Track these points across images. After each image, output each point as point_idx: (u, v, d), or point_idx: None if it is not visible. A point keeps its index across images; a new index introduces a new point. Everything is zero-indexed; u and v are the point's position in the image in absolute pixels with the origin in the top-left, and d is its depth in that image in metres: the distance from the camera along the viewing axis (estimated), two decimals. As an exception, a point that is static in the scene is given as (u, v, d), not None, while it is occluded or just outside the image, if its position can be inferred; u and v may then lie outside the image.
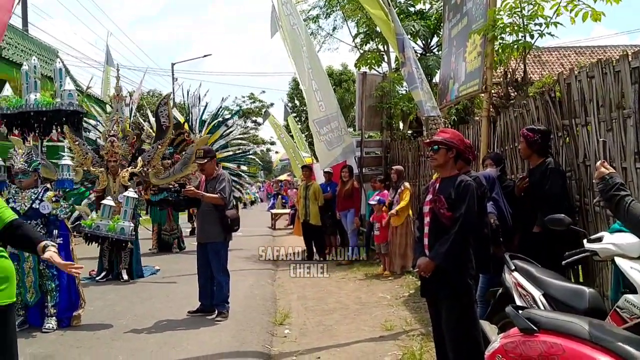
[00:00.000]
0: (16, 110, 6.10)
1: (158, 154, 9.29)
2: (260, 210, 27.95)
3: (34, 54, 15.37)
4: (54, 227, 5.92)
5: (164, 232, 12.48)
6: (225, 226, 6.37)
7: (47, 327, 5.83)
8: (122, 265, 8.89)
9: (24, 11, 19.50)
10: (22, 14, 19.20)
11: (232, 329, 5.84)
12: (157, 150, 9.28)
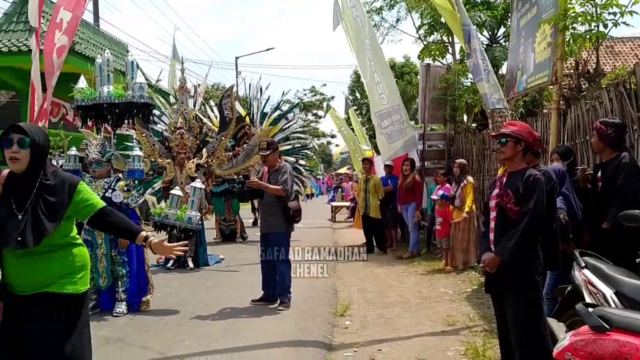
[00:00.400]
0: (90, 102, 6.38)
1: (222, 145, 9.49)
2: (320, 203, 28.13)
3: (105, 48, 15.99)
4: (125, 215, 6.14)
5: (222, 223, 12.78)
6: (288, 217, 6.46)
7: (118, 312, 6.09)
8: (189, 253, 9.15)
9: (95, 7, 20.27)
10: (94, 9, 19.97)
11: (294, 319, 5.93)
12: (220, 142, 9.49)
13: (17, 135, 2.82)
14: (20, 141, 2.81)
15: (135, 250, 6.39)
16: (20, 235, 2.75)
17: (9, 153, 2.82)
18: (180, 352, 4.84)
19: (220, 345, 5.02)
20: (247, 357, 4.70)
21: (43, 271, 2.85)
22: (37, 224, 2.78)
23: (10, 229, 2.74)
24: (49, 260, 2.87)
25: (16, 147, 2.80)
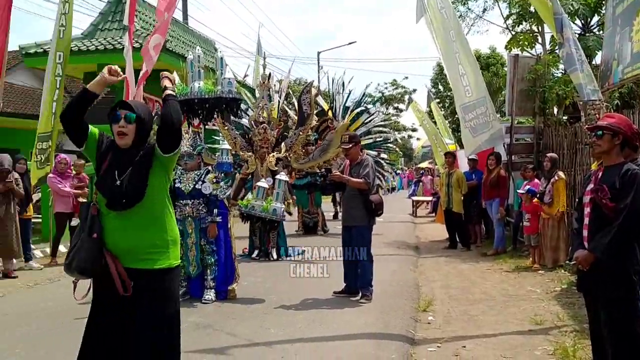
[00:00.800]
0: (182, 97, 6.64)
1: (299, 140, 9.63)
2: (401, 198, 27.90)
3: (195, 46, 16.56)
4: (214, 206, 6.37)
5: (306, 215, 12.96)
6: (370, 210, 6.47)
7: (207, 299, 6.33)
8: (272, 244, 9.39)
9: (184, 5, 21.04)
10: (183, 7, 20.73)
11: (375, 312, 5.94)
12: (298, 137, 9.63)
13: (124, 111, 3.02)
14: (127, 117, 3.01)
15: (223, 240, 6.61)
16: (118, 196, 2.93)
17: (116, 128, 3.02)
18: (266, 339, 4.97)
19: (304, 335, 5.12)
20: (330, 348, 4.76)
21: (139, 239, 3.00)
22: (134, 188, 2.96)
23: (111, 190, 2.94)
24: (144, 229, 3.01)
25: (123, 122, 3.00)
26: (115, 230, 2.98)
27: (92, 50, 13.97)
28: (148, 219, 3.04)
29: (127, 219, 2.98)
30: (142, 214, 3.01)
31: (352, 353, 4.63)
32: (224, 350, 4.64)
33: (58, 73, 9.34)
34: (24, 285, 7.58)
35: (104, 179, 2.99)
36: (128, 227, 2.99)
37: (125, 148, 3.04)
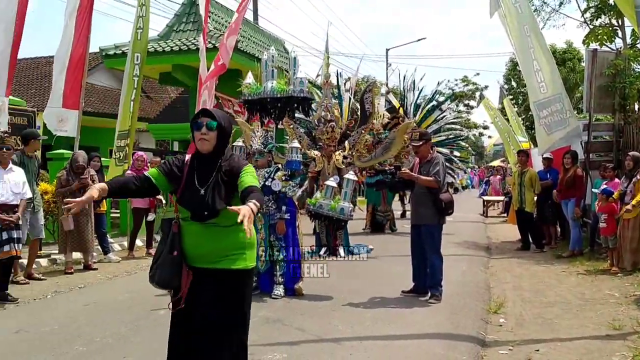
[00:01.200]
0: (256, 96, 6.79)
1: (362, 138, 9.62)
2: (472, 197, 27.34)
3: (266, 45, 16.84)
4: (283, 204, 6.47)
5: (379, 213, 12.91)
6: (440, 209, 6.38)
7: (276, 294, 6.44)
8: (339, 242, 9.42)
9: (255, 5, 21.43)
10: (253, 7, 21.13)
11: (445, 312, 5.87)
12: (360, 135, 9.62)
13: (206, 119, 3.13)
14: (209, 124, 3.12)
15: (291, 237, 6.70)
16: (201, 209, 3.07)
17: (198, 135, 3.13)
18: (334, 336, 5.01)
19: (372, 333, 5.11)
20: (399, 347, 4.74)
21: (220, 243, 3.13)
22: (214, 200, 3.08)
23: (194, 202, 3.08)
24: (225, 234, 3.14)
25: (205, 130, 3.11)
26: (197, 235, 3.13)
27: (167, 51, 14.47)
28: (228, 225, 3.14)
29: (209, 226, 3.12)
30: (223, 221, 3.13)
31: (421, 353, 4.59)
32: (293, 345, 4.71)
33: (136, 74, 9.72)
34: (104, 277, 7.95)
35: (186, 194, 3.13)
36: (210, 233, 3.13)
37: (206, 154, 3.17)
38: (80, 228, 8.11)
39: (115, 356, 4.46)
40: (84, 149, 9.29)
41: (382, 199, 12.68)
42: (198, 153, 3.21)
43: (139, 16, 9.81)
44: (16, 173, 6.42)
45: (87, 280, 7.65)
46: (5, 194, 6.18)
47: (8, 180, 6.24)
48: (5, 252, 6.10)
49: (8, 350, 4.60)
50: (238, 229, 3.15)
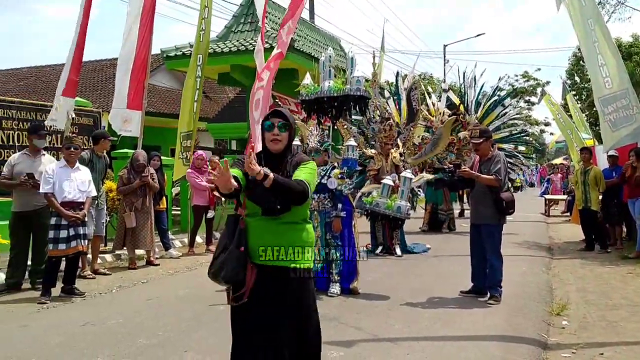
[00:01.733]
0: (313, 96, 6.82)
1: (411, 135, 9.53)
2: (533, 196, 26.62)
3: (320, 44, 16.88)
4: (339, 201, 6.48)
5: (440, 212, 12.75)
6: (500, 208, 6.24)
7: (332, 292, 6.46)
8: (395, 240, 9.37)
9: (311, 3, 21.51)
10: (310, 6, 21.21)
11: (505, 314, 5.74)
12: (409, 132, 9.53)
13: (277, 120, 3.22)
14: (280, 125, 3.22)
15: (347, 235, 6.71)
16: (274, 204, 3.12)
17: (270, 135, 3.23)
18: (391, 335, 4.98)
19: (429, 333, 5.06)
20: (457, 347, 4.67)
21: (284, 240, 3.17)
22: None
23: (266, 198, 3.12)
24: (291, 231, 3.20)
25: (277, 131, 3.21)
26: (263, 232, 3.17)
27: (225, 52, 14.70)
28: (296, 222, 3.23)
29: (276, 223, 3.18)
30: (291, 218, 3.20)
31: (479, 355, 4.51)
32: (350, 344, 4.71)
33: (198, 75, 9.94)
34: (165, 272, 8.17)
35: (257, 190, 3.15)
36: (276, 230, 3.18)
37: (277, 153, 3.26)
38: (141, 224, 8.36)
39: (177, 350, 4.58)
40: (146, 148, 9.58)
41: (444, 197, 12.52)
42: (266, 151, 3.29)
43: (202, 18, 10.01)
44: (82, 172, 6.67)
45: (149, 275, 7.89)
46: (73, 192, 6.43)
47: (75, 179, 6.49)
48: (72, 247, 6.36)
49: (75, 343, 4.79)
50: (303, 227, 3.26)
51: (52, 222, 6.33)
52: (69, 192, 6.39)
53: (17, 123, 9.32)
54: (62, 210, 6.27)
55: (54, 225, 6.30)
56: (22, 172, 6.74)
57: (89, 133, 10.03)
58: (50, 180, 6.32)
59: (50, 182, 6.32)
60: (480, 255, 6.40)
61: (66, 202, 6.34)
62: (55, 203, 6.28)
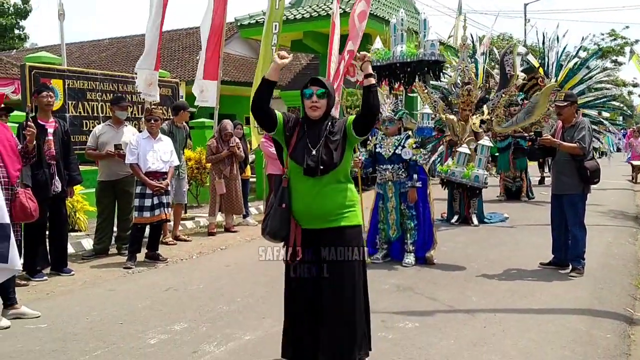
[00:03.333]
0: (384, 62, 6.69)
1: (501, 102, 9.11)
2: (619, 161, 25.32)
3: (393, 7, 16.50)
4: (414, 171, 6.38)
5: (507, 180, 12.35)
6: (584, 178, 5.96)
7: (407, 262, 6.43)
8: (472, 210, 9.18)
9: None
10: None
11: (588, 287, 5.53)
12: (500, 99, 9.11)
13: (315, 87, 3.37)
14: (318, 93, 3.36)
15: (422, 205, 6.63)
16: (316, 165, 3.28)
17: (309, 102, 3.38)
18: (467, 306, 4.92)
19: (507, 306, 4.96)
20: (536, 321, 4.56)
21: (330, 201, 3.34)
22: (329, 156, 3.31)
23: (309, 161, 3.30)
24: (335, 192, 3.36)
25: (315, 98, 3.36)
26: (309, 195, 3.33)
27: (298, 19, 14.65)
28: (338, 184, 3.38)
29: (320, 185, 3.32)
30: (334, 180, 3.35)
31: (560, 328, 4.39)
32: (425, 314, 4.70)
33: (274, 42, 9.96)
34: (243, 239, 8.39)
35: (299, 150, 3.35)
36: (321, 192, 3.32)
37: (315, 120, 3.40)
38: (230, 191, 8.62)
39: (256, 316, 4.72)
40: (222, 116, 9.77)
41: (509, 163, 12.01)
42: (307, 118, 3.44)
43: (278, -16, 9.99)
44: (164, 142, 6.89)
45: (227, 242, 8.12)
46: (156, 162, 6.66)
47: (158, 150, 6.72)
48: (157, 215, 6.62)
49: (160, 307, 5.02)
50: (347, 187, 3.41)
51: (137, 190, 6.60)
52: (152, 162, 6.61)
53: (100, 94, 9.69)
54: (146, 180, 6.52)
55: (139, 194, 6.57)
56: (106, 142, 7.03)
57: (169, 103, 10.32)
58: (135, 151, 6.57)
59: (135, 153, 6.56)
60: (561, 226, 6.16)
61: (150, 172, 6.58)
62: (140, 173, 6.54)
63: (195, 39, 23.15)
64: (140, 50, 9.86)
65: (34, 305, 4.92)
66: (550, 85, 9.50)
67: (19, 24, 32.75)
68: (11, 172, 4.58)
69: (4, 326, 4.42)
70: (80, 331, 4.39)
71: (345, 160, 3.39)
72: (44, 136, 5.83)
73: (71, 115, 9.11)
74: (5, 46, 29.64)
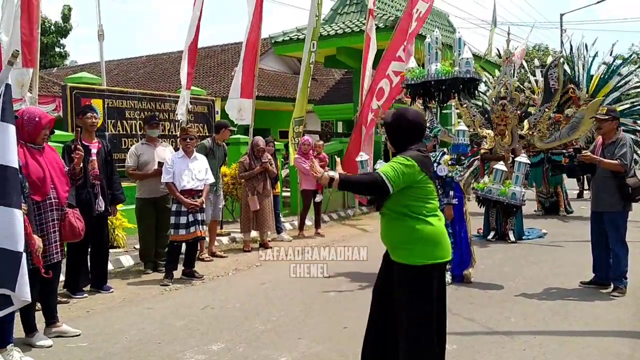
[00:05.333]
0: (419, 80, 6.67)
1: (544, 117, 8.95)
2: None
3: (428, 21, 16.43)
4: (450, 188, 6.32)
5: (540, 195, 12.16)
6: (625, 195, 5.82)
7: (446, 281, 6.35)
8: (509, 226, 9.05)
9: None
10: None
11: (631, 307, 5.40)
12: (543, 114, 8.96)
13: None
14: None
15: (458, 222, 6.56)
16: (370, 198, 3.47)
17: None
18: (506, 328, 4.84)
19: (547, 327, 4.87)
20: (578, 343, 4.46)
21: (388, 236, 3.39)
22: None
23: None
24: (394, 225, 3.35)
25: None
26: (381, 225, 3.46)
27: (332, 35, 14.74)
28: (395, 215, 3.34)
29: (384, 216, 3.42)
30: (390, 209, 3.36)
31: (603, 351, 4.28)
32: (463, 336, 4.63)
33: (312, 61, 10.07)
34: (277, 255, 8.40)
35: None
36: (386, 223, 3.42)
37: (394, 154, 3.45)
38: (262, 207, 8.68)
39: (291, 336, 4.72)
40: (256, 132, 9.87)
41: (542, 178, 11.78)
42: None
43: (317, 3, 10.10)
44: (200, 161, 6.98)
45: (262, 258, 8.14)
46: (192, 181, 6.76)
47: (193, 169, 6.81)
48: (192, 233, 6.70)
49: (197, 326, 5.07)
50: (404, 222, 3.29)
51: (173, 208, 6.70)
52: (187, 181, 6.71)
53: (138, 113, 9.91)
54: (182, 198, 6.62)
55: (175, 212, 6.67)
56: (148, 161, 7.15)
57: (205, 121, 10.49)
58: (170, 170, 6.68)
59: (171, 172, 6.67)
60: (602, 244, 6.03)
61: (185, 190, 6.67)
62: (176, 192, 6.63)
63: (230, 55, 23.53)
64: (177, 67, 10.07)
65: (74, 323, 5.03)
66: (595, 101, 9.28)
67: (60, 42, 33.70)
68: (61, 193, 4.70)
69: (47, 345, 4.52)
70: (119, 351, 4.46)
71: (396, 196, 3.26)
72: (88, 157, 5.98)
73: (110, 133, 9.33)
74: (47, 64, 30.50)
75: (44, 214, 4.55)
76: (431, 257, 3.25)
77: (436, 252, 3.27)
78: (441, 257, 3.29)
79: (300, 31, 15.28)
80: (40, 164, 4.55)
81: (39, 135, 4.61)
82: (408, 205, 3.28)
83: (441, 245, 3.30)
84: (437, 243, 3.29)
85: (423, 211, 3.29)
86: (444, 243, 3.32)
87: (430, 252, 3.25)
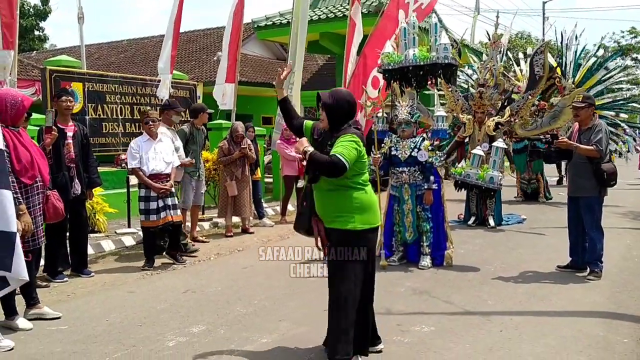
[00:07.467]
0: (396, 65, 6.69)
1: (527, 104, 9.02)
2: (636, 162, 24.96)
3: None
4: (430, 173, 6.39)
5: (522, 181, 12.31)
6: (601, 180, 5.93)
7: (423, 265, 6.44)
8: (489, 211, 9.15)
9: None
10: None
11: (606, 290, 5.51)
12: (526, 101, 9.02)
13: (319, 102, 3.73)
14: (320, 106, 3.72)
15: (437, 207, 6.63)
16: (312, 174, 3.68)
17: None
18: (483, 310, 4.92)
19: (524, 309, 4.96)
20: (553, 325, 4.55)
21: (328, 206, 3.69)
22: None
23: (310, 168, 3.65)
24: (331, 197, 3.67)
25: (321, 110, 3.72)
26: (317, 197, 3.75)
27: (315, 20, 14.69)
28: (329, 190, 3.66)
29: (319, 190, 3.72)
30: (323, 186, 3.67)
31: (577, 333, 4.38)
32: (441, 318, 4.71)
33: None
34: (259, 240, 8.44)
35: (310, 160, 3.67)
36: (320, 196, 3.73)
37: (326, 130, 3.74)
38: (241, 193, 8.67)
39: (272, 319, 4.76)
40: (239, 117, 9.83)
41: (526, 165, 11.95)
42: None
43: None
44: (165, 143, 6.81)
45: (244, 243, 8.18)
46: (159, 164, 6.62)
47: (160, 151, 6.67)
48: (163, 218, 6.57)
49: (178, 309, 5.08)
50: (341, 193, 3.63)
51: (142, 194, 6.56)
52: (155, 164, 6.57)
53: (119, 97, 9.80)
54: (151, 183, 6.48)
55: (144, 197, 6.53)
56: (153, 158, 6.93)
57: (187, 105, 10.41)
58: (137, 155, 6.55)
59: (137, 157, 6.54)
60: (578, 229, 6.14)
61: (153, 174, 6.54)
62: (143, 177, 6.50)
63: (212, 39, 23.32)
64: (158, 51, 9.98)
65: (55, 306, 5.01)
66: (578, 90, 9.36)
67: (39, 25, 33.15)
68: (45, 175, 4.70)
69: (27, 328, 4.51)
70: (100, 333, 4.47)
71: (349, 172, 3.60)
72: (63, 140, 5.93)
73: (91, 117, 9.22)
74: (26, 47, 29.99)
75: (31, 197, 4.56)
76: (367, 222, 3.65)
77: (371, 218, 3.68)
78: (374, 222, 3.72)
79: (284, 15, 15.21)
80: (26, 147, 4.52)
81: (21, 118, 4.58)
82: (349, 177, 3.58)
83: (374, 212, 3.73)
84: (373, 210, 3.71)
85: (360, 181, 3.69)
86: (377, 210, 3.77)
87: (366, 218, 3.64)
